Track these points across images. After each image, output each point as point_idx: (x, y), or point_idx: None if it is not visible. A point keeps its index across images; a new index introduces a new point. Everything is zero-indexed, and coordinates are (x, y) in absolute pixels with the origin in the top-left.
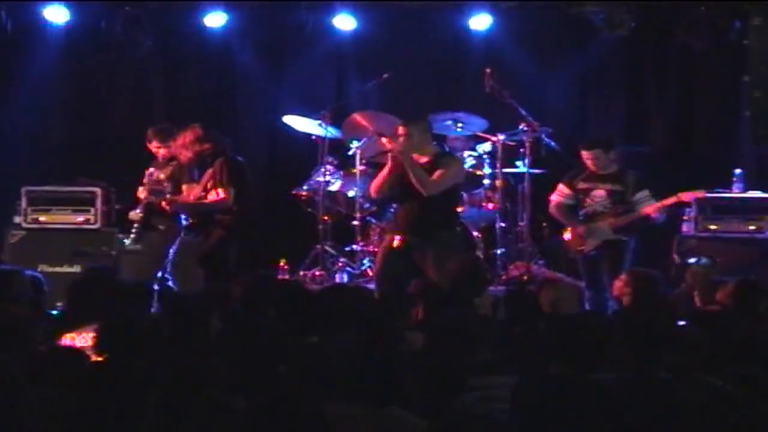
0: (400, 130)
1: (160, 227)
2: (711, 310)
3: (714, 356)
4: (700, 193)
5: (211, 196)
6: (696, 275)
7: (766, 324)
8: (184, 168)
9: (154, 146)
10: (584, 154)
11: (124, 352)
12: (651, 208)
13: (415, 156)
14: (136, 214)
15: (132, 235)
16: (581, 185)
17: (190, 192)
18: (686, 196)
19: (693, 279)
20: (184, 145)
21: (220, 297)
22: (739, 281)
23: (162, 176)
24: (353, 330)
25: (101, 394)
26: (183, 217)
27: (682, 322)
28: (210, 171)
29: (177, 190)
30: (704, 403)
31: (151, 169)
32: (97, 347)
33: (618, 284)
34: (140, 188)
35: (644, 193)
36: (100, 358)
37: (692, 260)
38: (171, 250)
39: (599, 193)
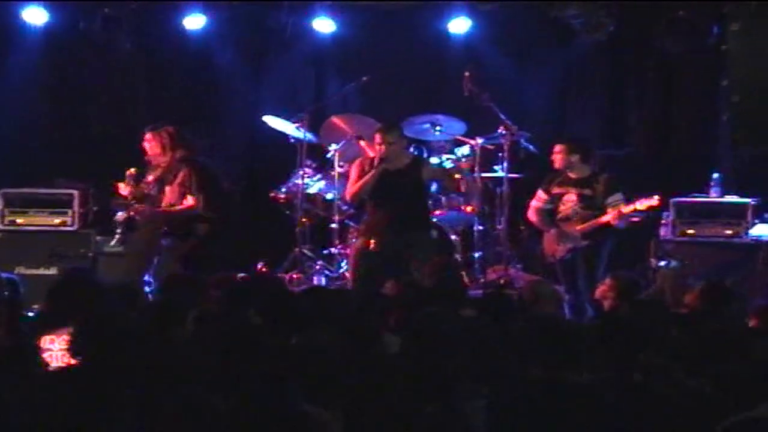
0: (380, 137)
1: (145, 229)
2: (680, 313)
3: (692, 357)
4: (655, 201)
5: (185, 203)
6: (665, 278)
7: (734, 325)
8: (172, 170)
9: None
10: (554, 147)
11: (99, 354)
12: (610, 215)
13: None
14: (121, 215)
15: (116, 237)
16: (555, 190)
17: (172, 195)
18: (641, 204)
19: (663, 282)
20: (153, 149)
21: (196, 298)
22: (707, 284)
23: (151, 178)
24: (331, 332)
25: (76, 397)
26: None
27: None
28: (180, 177)
29: (161, 192)
30: (683, 404)
31: (132, 169)
32: (72, 350)
33: (602, 288)
34: (122, 185)
35: (616, 197)
36: (74, 361)
37: (662, 263)
38: (156, 254)
39: (570, 197)
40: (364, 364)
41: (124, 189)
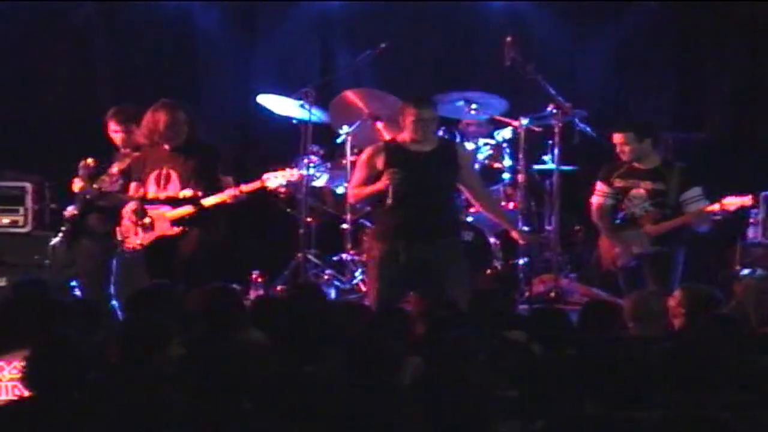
0: (415, 113)
1: (99, 232)
2: (766, 333)
3: None
4: (748, 199)
5: (227, 191)
6: (748, 290)
7: None
8: (144, 162)
9: (111, 130)
10: (614, 137)
11: (59, 386)
12: (693, 214)
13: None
14: (70, 211)
15: (60, 234)
16: (618, 183)
17: (137, 192)
18: (731, 204)
19: (744, 295)
20: (157, 128)
21: (181, 316)
22: None
23: (115, 169)
24: (343, 356)
25: None
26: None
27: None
28: (191, 165)
29: (125, 189)
30: None
31: (90, 159)
32: (27, 380)
33: (671, 302)
34: (75, 179)
35: (694, 192)
36: (29, 393)
37: (745, 272)
38: (114, 263)
39: (638, 192)
40: (380, 397)
41: (77, 184)
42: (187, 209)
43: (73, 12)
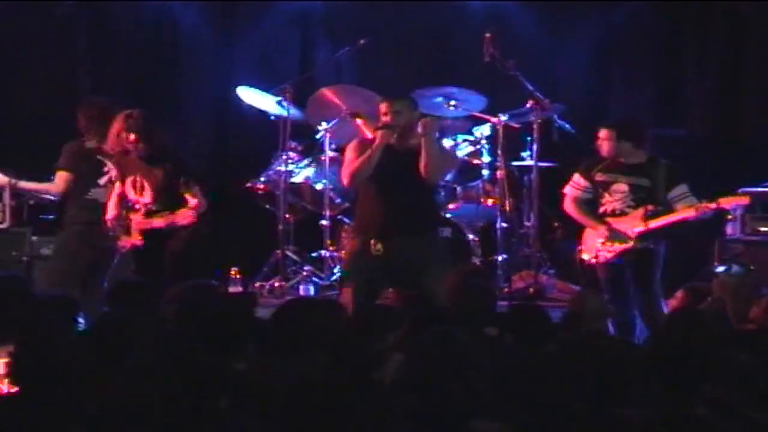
0: (385, 106)
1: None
2: (744, 330)
3: (761, 386)
4: (744, 199)
5: (192, 204)
6: (725, 287)
7: None
8: (119, 165)
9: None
10: (600, 132)
11: (43, 381)
12: (689, 210)
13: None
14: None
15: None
16: (600, 177)
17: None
18: (727, 203)
19: (721, 291)
20: (123, 139)
21: (152, 314)
22: None
23: None
24: (321, 355)
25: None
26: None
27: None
28: (159, 175)
29: None
30: None
31: None
32: (13, 375)
33: (673, 303)
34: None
35: (681, 189)
36: (15, 389)
37: (721, 268)
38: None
39: (620, 187)
40: (359, 395)
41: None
42: (158, 222)
43: (54, 8)
